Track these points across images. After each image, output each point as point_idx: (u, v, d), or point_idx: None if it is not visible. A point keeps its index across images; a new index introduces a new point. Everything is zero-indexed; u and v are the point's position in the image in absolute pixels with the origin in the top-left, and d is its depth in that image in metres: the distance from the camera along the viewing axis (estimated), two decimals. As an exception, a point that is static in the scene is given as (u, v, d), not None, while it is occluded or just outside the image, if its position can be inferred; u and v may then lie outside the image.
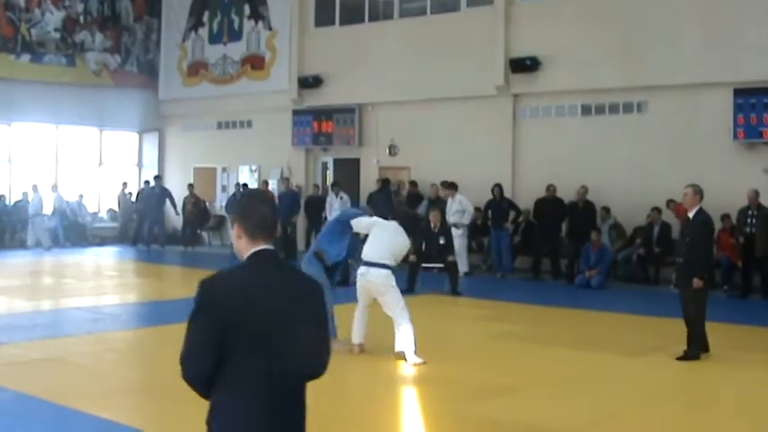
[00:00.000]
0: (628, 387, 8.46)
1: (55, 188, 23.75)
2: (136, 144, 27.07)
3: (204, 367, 3.30)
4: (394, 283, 9.34)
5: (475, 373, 8.92)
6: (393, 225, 9.70)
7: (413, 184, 19.75)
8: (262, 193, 3.63)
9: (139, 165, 27.08)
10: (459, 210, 17.57)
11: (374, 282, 9.32)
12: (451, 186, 17.80)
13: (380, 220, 9.87)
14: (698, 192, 9.67)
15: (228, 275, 3.43)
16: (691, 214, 9.76)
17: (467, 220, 17.66)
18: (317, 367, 3.43)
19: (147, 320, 12.07)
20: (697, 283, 9.50)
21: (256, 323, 3.26)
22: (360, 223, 9.87)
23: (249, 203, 3.49)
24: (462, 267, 17.34)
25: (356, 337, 9.65)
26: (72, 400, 7.38)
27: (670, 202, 16.28)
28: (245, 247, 3.41)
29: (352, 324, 9.67)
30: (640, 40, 17.14)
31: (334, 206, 20.07)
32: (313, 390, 2.91)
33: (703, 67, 16.33)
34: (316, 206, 20.87)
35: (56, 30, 24.37)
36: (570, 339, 10.83)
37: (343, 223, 10.04)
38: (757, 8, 15.99)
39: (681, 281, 9.82)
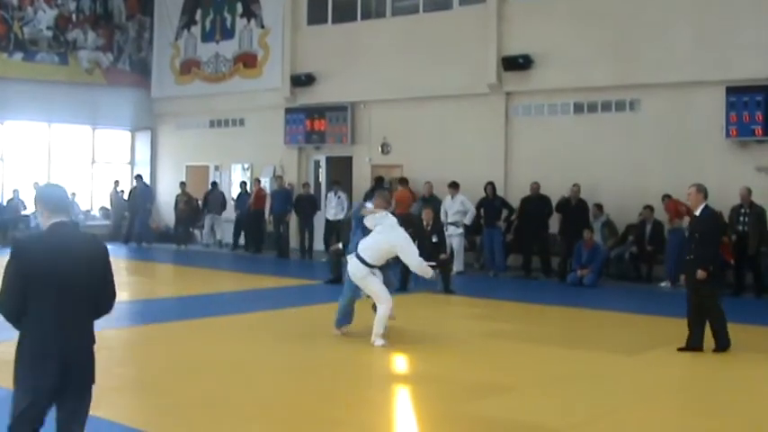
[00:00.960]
0: (622, 385, 8.45)
1: (37, 186, 23.65)
2: (128, 142, 27.00)
3: (14, 305, 4.52)
4: (365, 275, 9.98)
5: (468, 371, 8.90)
6: (394, 225, 10.12)
7: (403, 181, 19.70)
8: (56, 184, 5.00)
9: (132, 163, 26.99)
10: (460, 210, 17.54)
11: (349, 270, 10.18)
12: (453, 186, 17.76)
13: (389, 219, 10.20)
14: (701, 190, 10.00)
15: (33, 237, 4.90)
16: (697, 212, 10.02)
17: (468, 220, 17.65)
18: (104, 307, 4.77)
19: (139, 318, 12.01)
20: (700, 274, 9.67)
21: (50, 273, 4.47)
22: (369, 221, 10.32)
23: (46, 191, 4.79)
24: (458, 266, 17.34)
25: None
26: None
27: (665, 197, 16.29)
28: (45, 220, 4.63)
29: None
30: (633, 39, 17.13)
31: (332, 204, 20.05)
32: (305, 389, 2.88)
33: (696, 66, 16.33)
34: (307, 204, 20.78)
35: (48, 28, 24.27)
36: (564, 338, 10.83)
37: (360, 221, 10.56)
38: (749, 7, 16.00)
39: (690, 278, 9.93)
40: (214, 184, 23.97)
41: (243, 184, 23.23)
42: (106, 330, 10.88)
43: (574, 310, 13.20)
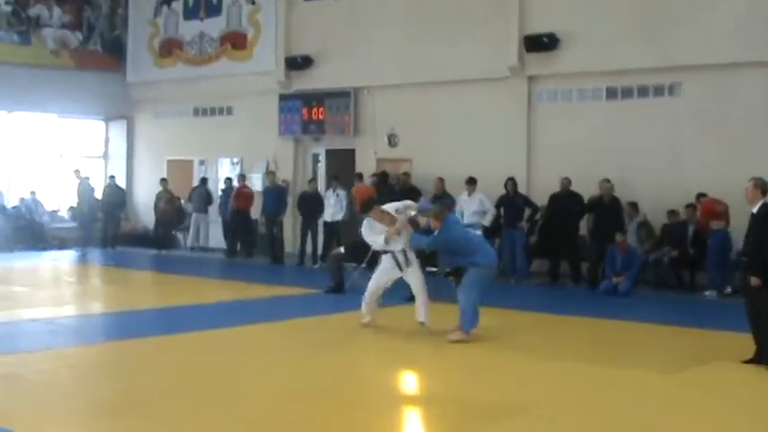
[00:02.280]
0: (662, 407, 8.39)
1: None
2: (101, 133, 27.03)
3: None
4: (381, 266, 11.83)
5: (484, 391, 8.86)
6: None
7: (406, 175, 19.62)
8: None
9: (105, 156, 27.04)
10: (479, 210, 17.47)
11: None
12: (470, 182, 17.72)
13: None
14: (759, 185, 10.05)
15: None
16: (754, 209, 10.05)
17: (488, 221, 17.60)
18: None
19: (112, 333, 11.99)
20: (754, 281, 9.73)
21: None
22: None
23: None
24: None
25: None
26: (26, 423, 7.31)
27: (699, 196, 16.25)
28: None
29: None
30: (673, 14, 17.10)
31: (330, 203, 20.02)
32: (301, 413, 2.86)
33: (743, 44, 16.29)
34: (311, 203, 20.68)
35: (7, 3, 24.29)
36: (594, 353, 10.79)
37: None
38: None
39: (744, 283, 10.02)
40: (203, 180, 24.00)
41: (228, 180, 23.22)
42: (74, 348, 10.90)
43: (606, 322, 13.18)
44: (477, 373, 9.83)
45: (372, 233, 11.71)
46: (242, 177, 22.85)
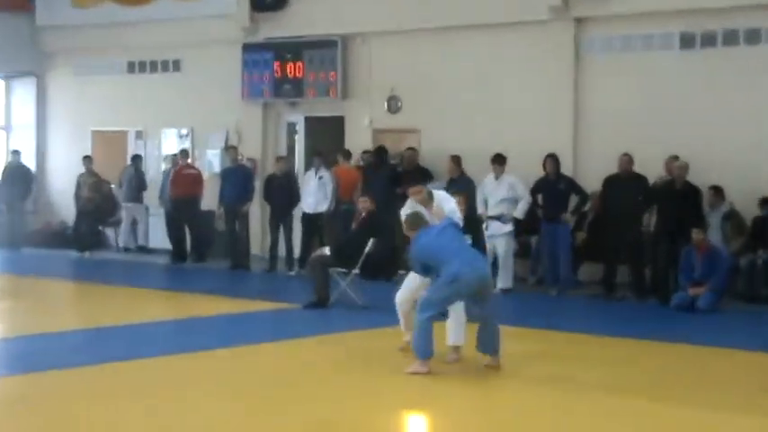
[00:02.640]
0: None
1: None
2: (1, 96, 27.20)
3: None
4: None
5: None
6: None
7: (411, 151, 19.56)
8: None
9: (7, 127, 27.07)
10: (508, 197, 17.43)
11: None
12: (497, 161, 17.68)
13: None
14: None
15: None
16: None
17: (520, 213, 17.67)
18: None
19: (16, 365, 11.84)
20: None
21: None
22: None
23: None
24: (504, 282, 17.29)
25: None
26: None
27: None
28: None
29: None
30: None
31: (311, 188, 19.83)
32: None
33: None
34: (280, 189, 20.56)
35: None
36: (669, 389, 10.73)
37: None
38: None
39: None
40: (135, 157, 23.90)
41: (173, 157, 23.15)
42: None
43: (681, 348, 13.15)
44: (514, 415, 9.70)
45: None
46: (184, 154, 22.83)
